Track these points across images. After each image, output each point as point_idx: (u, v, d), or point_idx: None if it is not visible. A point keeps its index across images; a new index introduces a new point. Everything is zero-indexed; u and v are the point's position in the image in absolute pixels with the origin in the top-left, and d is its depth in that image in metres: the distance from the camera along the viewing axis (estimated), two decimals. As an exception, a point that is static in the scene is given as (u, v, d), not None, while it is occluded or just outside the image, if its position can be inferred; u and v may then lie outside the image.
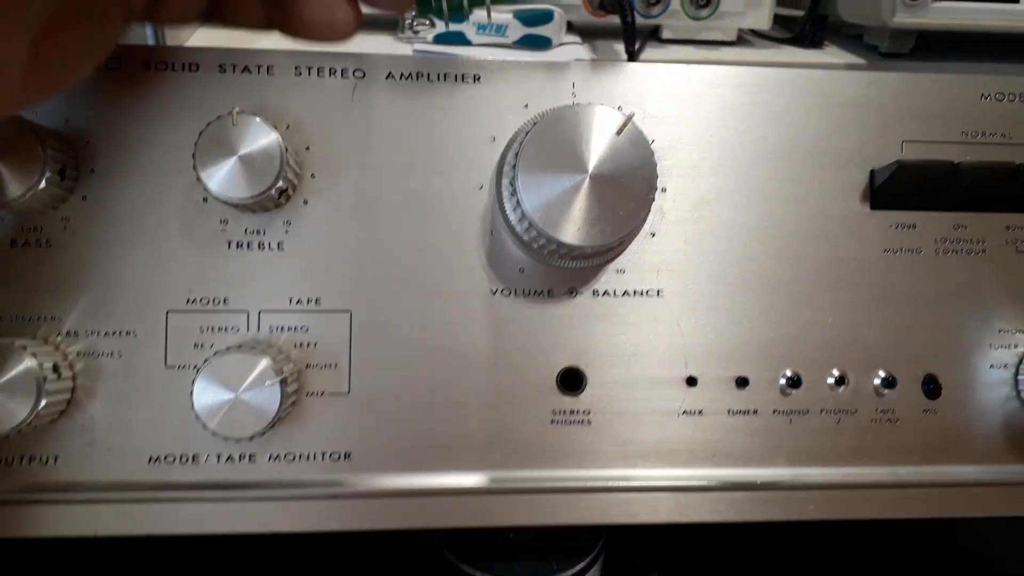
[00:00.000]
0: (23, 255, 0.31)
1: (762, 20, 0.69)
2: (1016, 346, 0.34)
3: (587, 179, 0.29)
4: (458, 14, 0.32)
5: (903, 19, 0.63)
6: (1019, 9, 0.64)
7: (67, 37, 0.26)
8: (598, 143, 0.29)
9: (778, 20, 0.79)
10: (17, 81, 0.25)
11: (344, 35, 0.31)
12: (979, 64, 0.69)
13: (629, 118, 0.29)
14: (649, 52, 0.65)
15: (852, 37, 0.73)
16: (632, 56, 0.60)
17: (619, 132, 0.29)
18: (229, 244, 0.32)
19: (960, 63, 0.69)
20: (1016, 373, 0.34)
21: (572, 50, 0.62)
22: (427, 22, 0.43)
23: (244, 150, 0.29)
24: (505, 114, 0.33)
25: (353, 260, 0.32)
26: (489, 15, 0.31)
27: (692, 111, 0.33)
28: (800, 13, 0.76)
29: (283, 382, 0.29)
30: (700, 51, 0.68)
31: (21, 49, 0.24)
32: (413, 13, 0.38)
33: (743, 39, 0.73)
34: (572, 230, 0.29)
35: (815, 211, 0.33)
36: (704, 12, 0.67)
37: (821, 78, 0.34)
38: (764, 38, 0.74)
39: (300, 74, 0.32)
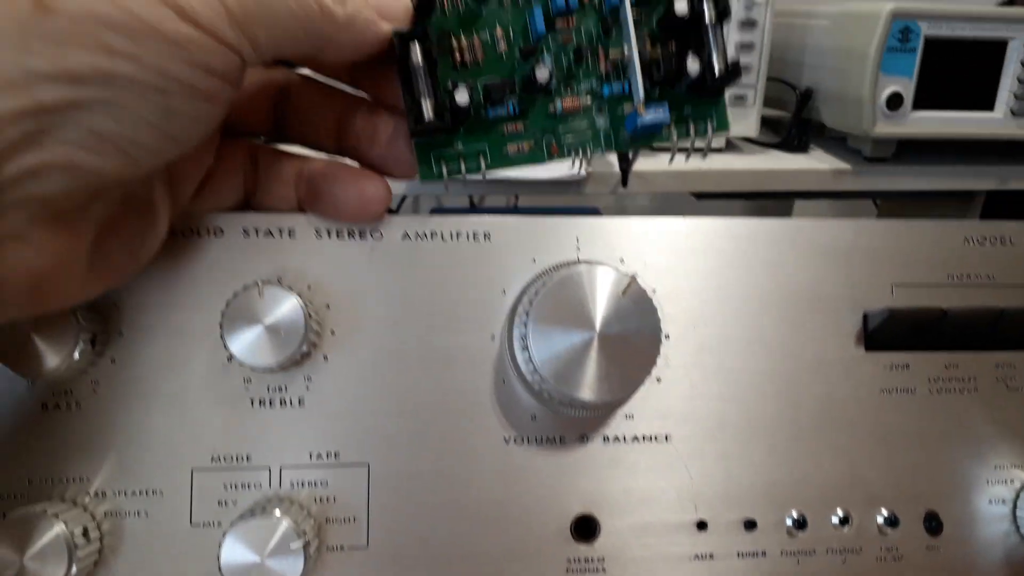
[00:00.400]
0: (54, 418, 0.32)
1: (749, 128, 0.71)
2: (1012, 481, 0.36)
3: (595, 337, 0.30)
4: (457, 177, 0.33)
5: (883, 129, 0.66)
6: (994, 117, 0.67)
7: (125, 234, 0.29)
8: (604, 303, 0.31)
9: (765, 122, 0.82)
10: (80, 277, 0.27)
11: (377, 213, 0.33)
12: (957, 167, 0.72)
13: (633, 279, 0.31)
14: (641, 163, 0.67)
15: (837, 139, 0.76)
16: (625, 179, 0.63)
17: (624, 293, 0.31)
18: (252, 402, 0.33)
19: (943, 166, 0.72)
20: (1014, 508, 0.35)
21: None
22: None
23: (270, 320, 0.30)
24: (514, 268, 0.34)
25: (371, 414, 0.33)
26: (484, 177, 0.33)
27: (691, 261, 0.35)
28: (785, 114, 0.80)
29: (306, 546, 0.30)
30: (690, 159, 0.71)
31: (84, 247, 0.26)
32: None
33: (732, 145, 0.76)
34: (583, 386, 0.31)
35: (812, 354, 0.35)
36: (693, 123, 0.70)
37: (812, 227, 0.35)
38: (752, 143, 0.77)
39: (321, 237, 0.33)
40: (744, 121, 0.71)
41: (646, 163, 0.68)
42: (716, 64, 0.31)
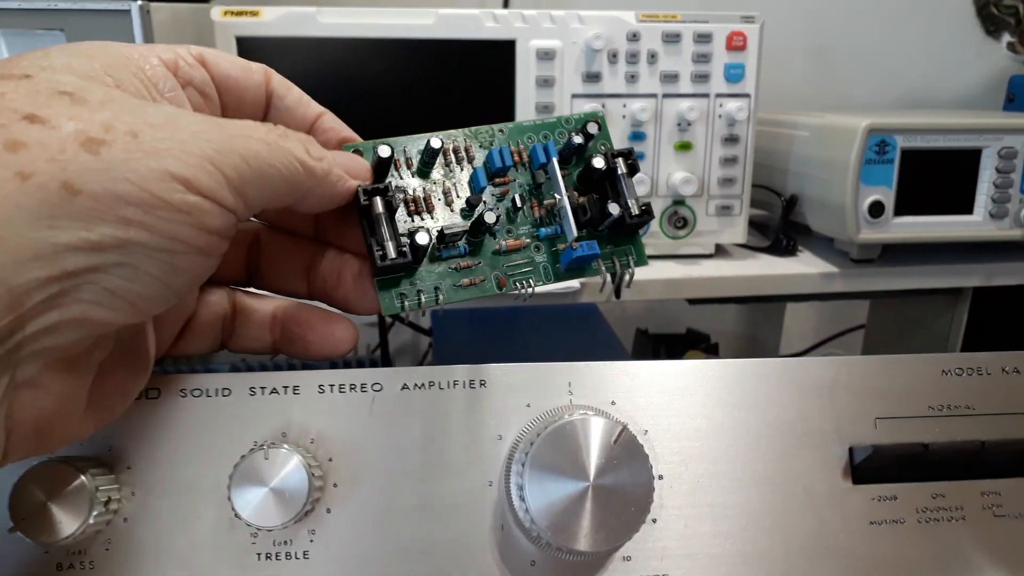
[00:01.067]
0: (67, 579, 0.33)
1: (737, 235, 0.74)
2: (1004, 607, 0.36)
3: (590, 488, 0.32)
4: (416, 309, 0.36)
5: (867, 235, 0.68)
6: (974, 220, 0.69)
7: (118, 374, 0.31)
8: (597, 452, 0.32)
9: (753, 224, 0.84)
10: (78, 416, 0.29)
11: (345, 351, 0.36)
12: (943, 266, 0.74)
13: (624, 428, 0.32)
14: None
15: (824, 239, 0.78)
16: (618, 291, 0.65)
17: (616, 441, 0.32)
18: (259, 556, 0.34)
19: (929, 265, 0.74)
20: (1008, 636, 0.35)
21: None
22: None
23: (275, 483, 0.32)
24: (509, 414, 0.36)
25: (374, 563, 0.34)
26: (442, 310, 0.36)
27: (681, 402, 0.36)
28: (773, 217, 0.82)
29: None
30: (680, 265, 0.73)
31: (85, 389, 0.28)
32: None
33: (721, 250, 0.78)
34: (579, 537, 0.32)
35: (801, 488, 0.36)
36: (682, 232, 0.72)
37: (795, 365, 0.37)
38: (741, 247, 0.79)
39: (323, 392, 0.35)
40: (732, 229, 0.73)
41: (639, 272, 0.70)
42: (634, 207, 0.36)
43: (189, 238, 0.26)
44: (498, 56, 0.66)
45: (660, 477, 0.36)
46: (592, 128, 0.38)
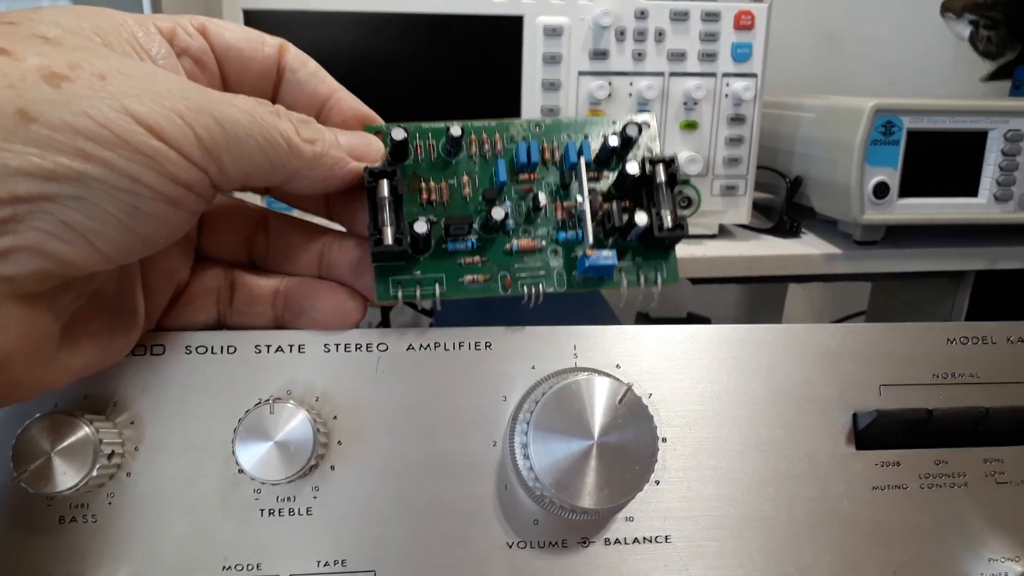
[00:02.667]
0: (70, 531, 0.33)
1: (741, 216, 0.74)
2: (1007, 574, 0.36)
3: (594, 446, 0.32)
4: (412, 301, 0.36)
5: (872, 216, 0.68)
6: (978, 203, 0.69)
7: (94, 328, 0.31)
8: (602, 412, 0.32)
9: (757, 207, 0.84)
10: (47, 362, 0.28)
11: (354, 323, 0.36)
12: (947, 249, 0.74)
13: (629, 388, 0.32)
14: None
15: (828, 222, 0.78)
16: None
17: (620, 401, 0.32)
18: (262, 512, 0.34)
19: (932, 248, 0.74)
20: (1010, 602, 0.35)
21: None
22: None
23: (280, 436, 0.32)
24: (515, 376, 0.36)
25: (377, 521, 0.34)
26: (439, 305, 0.36)
27: (685, 367, 0.36)
28: (776, 199, 0.82)
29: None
30: (682, 245, 0.73)
31: (52, 333, 0.28)
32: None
33: (725, 230, 0.78)
34: (583, 494, 0.32)
35: (804, 454, 0.36)
36: (686, 212, 0.72)
37: (801, 332, 0.37)
38: (745, 228, 0.79)
39: (329, 351, 0.35)
40: (736, 209, 0.73)
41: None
42: (666, 219, 0.35)
43: (153, 183, 0.26)
44: (505, 32, 0.66)
45: (664, 440, 0.36)
46: (632, 131, 0.36)
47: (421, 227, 0.33)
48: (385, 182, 0.33)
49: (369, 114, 0.36)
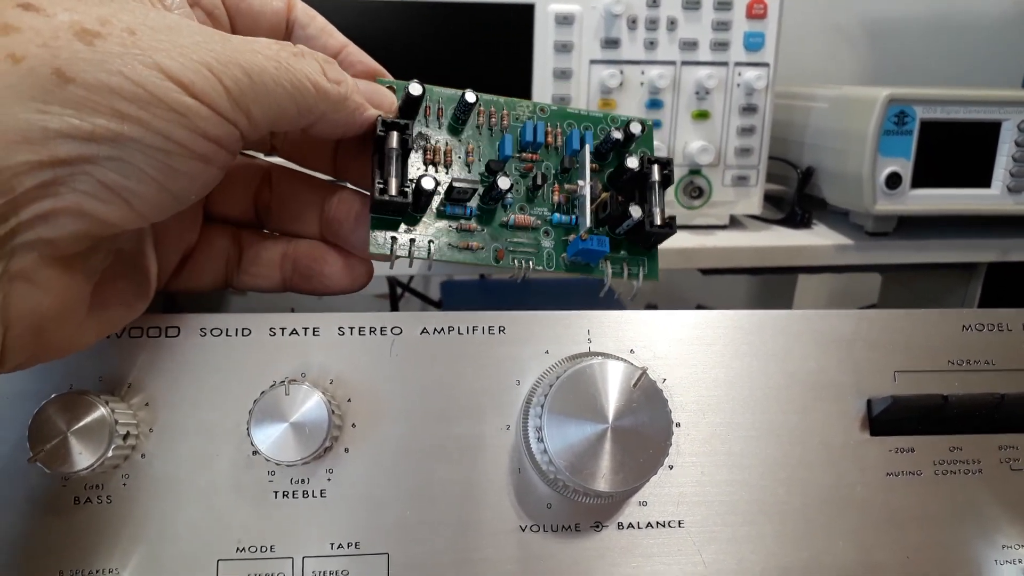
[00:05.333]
0: (85, 512, 0.33)
1: (752, 206, 0.73)
2: (1020, 561, 0.36)
3: (608, 429, 0.32)
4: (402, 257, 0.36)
5: (884, 207, 0.68)
6: (991, 194, 0.69)
7: (121, 284, 0.31)
8: (616, 395, 0.32)
9: (768, 198, 0.84)
10: (79, 323, 0.29)
11: (362, 285, 0.37)
12: (959, 240, 0.74)
13: (644, 372, 0.32)
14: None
15: (839, 213, 0.78)
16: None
17: (635, 385, 0.32)
18: (276, 494, 0.34)
19: (944, 239, 0.74)
20: (1024, 589, 0.35)
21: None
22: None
23: (295, 418, 0.32)
24: (528, 360, 0.36)
25: (390, 504, 0.34)
26: (430, 266, 0.36)
27: (699, 352, 0.36)
28: (787, 190, 0.82)
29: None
30: (693, 236, 0.73)
31: (85, 293, 0.28)
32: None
33: (736, 221, 0.78)
34: (597, 478, 0.32)
35: (818, 440, 0.36)
36: (697, 202, 0.72)
37: (815, 318, 0.37)
38: (756, 219, 0.79)
39: (343, 334, 0.35)
40: (747, 200, 0.73)
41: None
42: (657, 216, 0.36)
43: (186, 140, 0.26)
44: (516, 20, 0.66)
45: (678, 425, 0.36)
46: (635, 128, 0.37)
47: (428, 183, 0.33)
48: (395, 134, 0.33)
49: (379, 68, 0.36)
